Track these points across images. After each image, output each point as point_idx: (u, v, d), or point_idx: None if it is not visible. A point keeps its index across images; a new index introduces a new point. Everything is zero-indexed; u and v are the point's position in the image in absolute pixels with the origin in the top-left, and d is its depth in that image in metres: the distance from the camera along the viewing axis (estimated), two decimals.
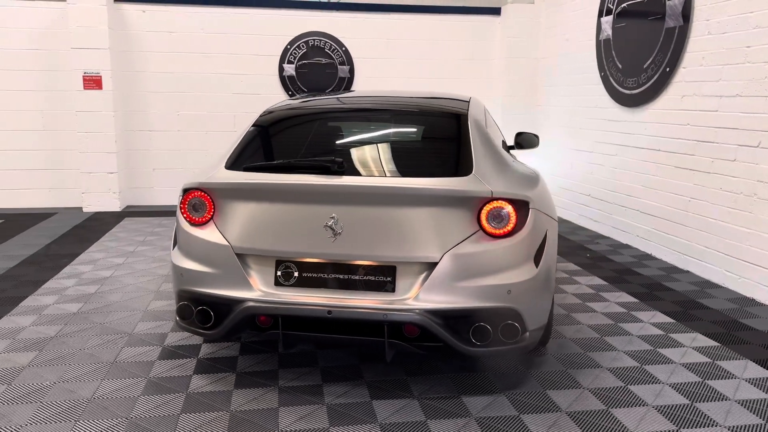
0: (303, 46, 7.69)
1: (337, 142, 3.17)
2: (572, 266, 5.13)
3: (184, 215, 2.89)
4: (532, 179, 3.16)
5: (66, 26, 7.08)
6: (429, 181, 2.67)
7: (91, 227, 6.48)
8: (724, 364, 3.24)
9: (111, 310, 3.95)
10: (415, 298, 2.63)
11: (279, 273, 2.74)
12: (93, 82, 7.11)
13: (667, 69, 5.22)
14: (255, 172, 2.82)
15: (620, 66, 5.95)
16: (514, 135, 5.14)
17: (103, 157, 7.25)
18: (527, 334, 2.82)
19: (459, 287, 2.63)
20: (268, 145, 3.00)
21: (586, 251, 5.64)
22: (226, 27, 7.56)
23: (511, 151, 5.13)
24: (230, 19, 7.55)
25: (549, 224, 3.01)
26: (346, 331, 2.73)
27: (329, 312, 2.63)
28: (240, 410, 2.72)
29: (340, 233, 2.66)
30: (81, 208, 7.45)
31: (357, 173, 2.77)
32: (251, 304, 2.69)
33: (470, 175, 2.73)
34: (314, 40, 7.70)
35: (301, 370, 3.10)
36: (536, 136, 5.03)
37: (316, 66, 7.75)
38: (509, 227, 2.71)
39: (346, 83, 7.85)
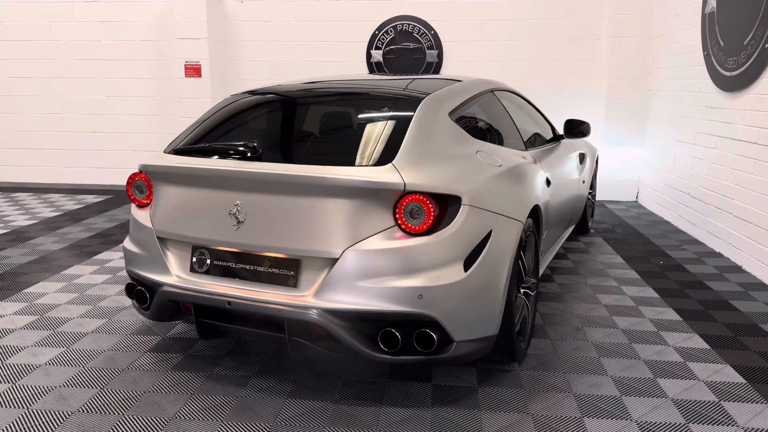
0: (391, 31, 7.55)
1: (274, 127, 3.02)
2: (632, 275, 4.48)
3: (130, 197, 2.94)
4: (492, 174, 2.78)
5: (171, 18, 7.63)
6: (339, 170, 2.43)
7: None
8: None
9: None
10: (314, 295, 2.43)
11: (194, 259, 2.69)
12: (193, 70, 7.60)
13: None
14: (180, 156, 2.79)
15: (722, 43, 5.05)
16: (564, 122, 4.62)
17: None
18: (453, 344, 2.49)
19: (361, 287, 2.39)
20: (210, 130, 2.94)
21: (661, 258, 4.90)
22: (317, 15, 7.65)
23: (566, 139, 4.63)
24: (321, 7, 7.62)
25: (498, 224, 2.62)
26: (253, 324, 2.61)
27: (229, 303, 2.53)
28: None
29: (243, 222, 2.54)
30: None
31: (271, 159, 2.62)
32: (166, 288, 2.68)
33: (388, 164, 2.45)
34: (402, 24, 7.52)
35: (239, 360, 3.04)
36: (585, 123, 4.48)
37: (404, 51, 7.57)
38: (425, 224, 2.40)
39: (434, 68, 7.57)
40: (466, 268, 2.48)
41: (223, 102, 3.24)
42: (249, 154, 2.60)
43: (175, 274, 2.70)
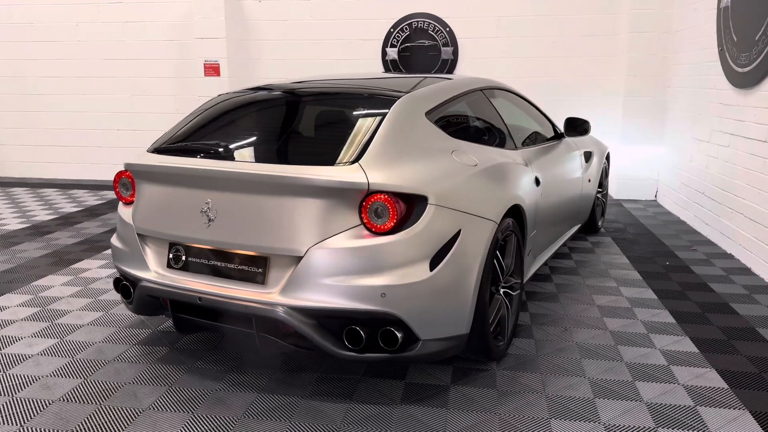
0: (406, 28, 7.55)
1: (251, 127, 3.06)
2: (634, 275, 4.40)
3: (117, 194, 3.04)
4: (465, 174, 2.77)
5: (192, 18, 7.79)
6: (304, 169, 2.46)
7: None
8: None
9: None
10: (280, 292, 2.48)
11: (171, 256, 2.76)
12: (212, 69, 7.74)
13: None
14: (160, 155, 2.86)
15: (735, 39, 4.91)
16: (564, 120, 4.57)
17: None
18: (419, 343, 2.51)
19: (325, 285, 2.42)
20: (192, 130, 3.01)
21: (668, 259, 4.80)
22: (334, 13, 7.71)
23: (568, 138, 4.58)
24: (338, 5, 7.67)
25: (468, 224, 2.62)
26: (224, 320, 2.67)
27: (199, 299, 2.59)
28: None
29: (213, 220, 2.60)
30: None
31: (243, 159, 2.67)
32: (144, 284, 2.77)
33: (355, 163, 2.47)
34: (417, 22, 7.51)
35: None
36: (585, 121, 4.43)
37: (419, 48, 7.56)
38: (390, 223, 2.42)
39: (449, 65, 7.54)
40: (432, 268, 2.49)
41: (210, 101, 3.31)
42: (222, 153, 2.66)
43: (154, 269, 2.78)
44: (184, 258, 2.72)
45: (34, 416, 2.55)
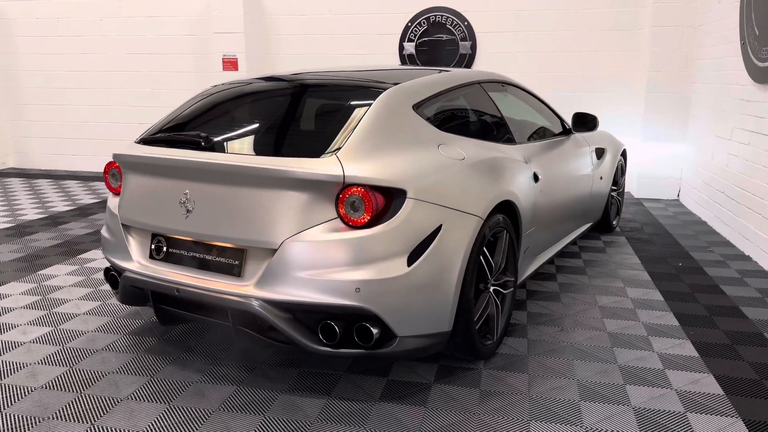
0: (424, 22, 7.47)
1: (236, 118, 3.03)
2: (643, 276, 4.26)
3: (107, 185, 3.05)
4: (450, 168, 2.71)
5: (210, 13, 7.84)
6: (281, 161, 2.43)
7: None
8: None
9: None
10: (255, 285, 2.45)
11: (153, 246, 2.76)
12: (230, 63, 7.78)
13: None
14: (146, 145, 2.86)
15: (757, 32, 4.71)
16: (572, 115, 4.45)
17: None
18: (396, 340, 2.46)
19: (300, 278, 2.38)
20: (180, 120, 3.00)
21: (681, 260, 4.64)
22: (351, 7, 7.67)
23: (577, 133, 4.47)
24: (355, 0, 7.63)
25: (450, 219, 2.56)
26: (202, 312, 2.66)
27: (177, 290, 2.58)
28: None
29: (191, 211, 2.58)
30: None
31: (222, 150, 2.64)
32: (127, 274, 2.77)
33: (333, 155, 2.43)
34: (435, 16, 7.42)
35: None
36: (593, 116, 4.32)
37: (436, 43, 7.48)
38: (365, 217, 2.37)
39: (467, 60, 7.44)
40: (410, 263, 2.43)
41: (203, 93, 3.30)
42: (203, 144, 2.64)
43: (137, 260, 2.79)
44: (165, 249, 2.72)
45: (15, 402, 2.58)
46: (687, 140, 6.77)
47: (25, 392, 2.66)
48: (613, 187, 5.32)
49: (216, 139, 2.69)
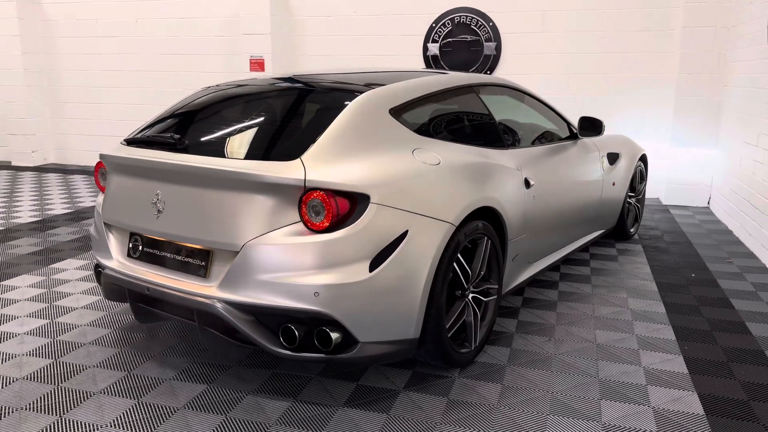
0: (448, 23, 7.40)
1: (214, 120, 3.05)
2: (651, 287, 4.11)
3: (97, 184, 3.14)
4: (422, 173, 2.67)
5: (239, 14, 7.97)
6: (244, 163, 2.45)
7: None
8: None
9: None
10: (218, 287, 2.48)
11: (130, 245, 2.82)
12: (257, 64, 7.90)
13: None
14: (129, 146, 2.93)
15: None
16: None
17: None
18: (358, 346, 2.45)
19: (261, 281, 2.39)
20: (163, 123, 3.05)
21: (696, 271, 4.46)
22: (376, 9, 7.67)
23: (583, 138, 4.36)
24: (380, 1, 7.62)
25: (417, 225, 2.52)
26: (173, 311, 2.70)
27: (147, 289, 2.64)
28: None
29: (162, 211, 2.63)
30: None
31: (194, 152, 2.67)
32: (106, 271, 2.85)
33: (297, 159, 2.43)
34: (460, 16, 7.35)
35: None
36: (598, 120, 4.20)
37: (461, 44, 7.40)
38: (326, 221, 2.36)
39: (492, 61, 7.33)
40: (372, 268, 2.41)
41: (194, 95, 3.36)
42: (177, 146, 2.69)
43: (116, 258, 2.86)
44: (140, 248, 2.78)
45: None
46: (718, 145, 6.51)
47: (6, 383, 2.76)
48: (631, 194, 5.16)
49: (189, 141, 2.73)
